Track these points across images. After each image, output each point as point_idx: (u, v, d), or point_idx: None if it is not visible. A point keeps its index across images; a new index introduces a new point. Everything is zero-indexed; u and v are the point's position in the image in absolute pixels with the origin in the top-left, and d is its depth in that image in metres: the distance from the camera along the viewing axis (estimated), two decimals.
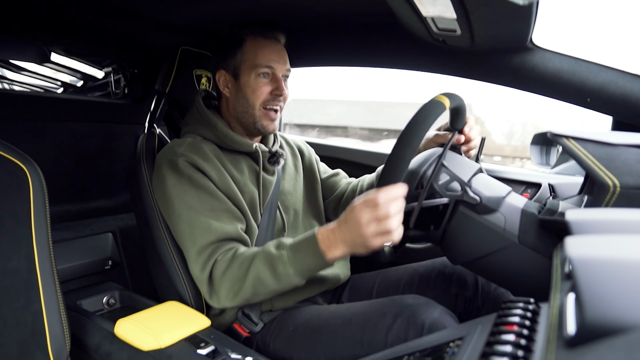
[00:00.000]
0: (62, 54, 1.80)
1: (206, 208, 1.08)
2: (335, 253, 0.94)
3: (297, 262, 0.97)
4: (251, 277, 0.99)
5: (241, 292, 1.01)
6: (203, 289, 1.06)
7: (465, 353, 0.48)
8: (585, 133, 0.75)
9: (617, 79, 1.09)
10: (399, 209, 0.85)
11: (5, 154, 0.89)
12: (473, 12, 0.95)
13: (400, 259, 1.55)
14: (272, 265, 0.98)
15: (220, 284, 1.03)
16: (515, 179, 1.46)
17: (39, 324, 0.91)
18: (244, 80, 1.19)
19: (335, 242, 0.93)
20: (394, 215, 0.84)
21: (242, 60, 1.19)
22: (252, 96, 1.19)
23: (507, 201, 0.88)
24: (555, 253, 0.59)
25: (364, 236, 0.87)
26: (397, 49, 1.39)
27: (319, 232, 0.96)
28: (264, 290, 1.01)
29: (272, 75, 1.19)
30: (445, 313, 0.98)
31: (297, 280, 0.99)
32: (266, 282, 0.99)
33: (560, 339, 0.38)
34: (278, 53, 1.20)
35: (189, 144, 1.15)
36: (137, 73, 1.91)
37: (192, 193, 1.09)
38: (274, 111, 1.21)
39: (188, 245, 1.08)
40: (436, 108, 0.87)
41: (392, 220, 0.84)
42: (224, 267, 1.03)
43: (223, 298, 1.04)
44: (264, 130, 1.22)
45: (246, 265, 1.01)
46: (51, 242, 0.94)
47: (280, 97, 1.20)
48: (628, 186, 0.69)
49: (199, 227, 1.06)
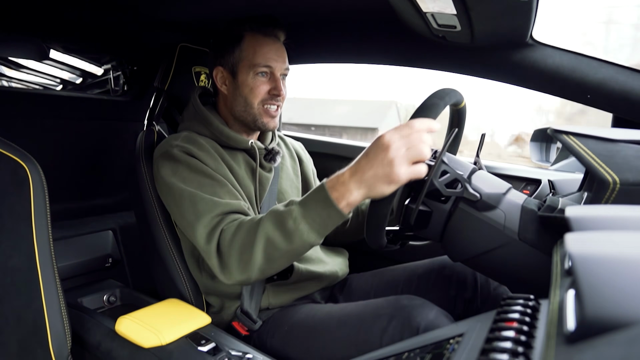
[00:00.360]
0: (61, 51, 1.80)
1: (207, 188, 1.05)
2: (349, 198, 0.85)
3: (308, 216, 0.89)
4: (261, 240, 0.93)
5: (253, 259, 0.94)
6: (212, 263, 0.99)
7: (465, 349, 0.48)
8: (585, 129, 0.75)
9: (617, 74, 1.09)
10: (430, 140, 0.81)
11: (5, 151, 0.89)
12: (473, 8, 0.94)
13: (400, 257, 1.55)
14: (281, 223, 0.91)
15: (230, 253, 0.96)
16: (515, 175, 1.46)
17: (40, 321, 0.91)
18: (242, 79, 1.18)
19: (348, 185, 0.85)
20: (427, 142, 0.80)
21: (240, 57, 1.18)
22: (250, 95, 1.18)
23: (507, 198, 0.88)
24: (555, 249, 0.59)
25: (392, 162, 0.79)
26: (397, 46, 1.39)
27: (328, 179, 0.89)
28: (277, 253, 0.93)
29: (271, 75, 1.18)
30: (441, 314, 0.96)
31: (311, 238, 0.90)
32: (277, 243, 0.91)
33: (560, 335, 0.38)
34: (277, 52, 1.19)
35: (184, 137, 1.14)
36: (136, 70, 1.91)
37: (191, 177, 1.07)
38: (273, 108, 1.20)
39: (192, 219, 1.02)
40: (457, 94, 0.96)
41: (424, 146, 0.79)
42: (231, 234, 0.97)
43: (234, 269, 0.96)
44: (265, 128, 1.21)
45: (254, 228, 0.94)
46: (52, 239, 0.94)
47: (279, 97, 1.19)
48: (628, 182, 0.69)
49: (202, 201, 1.03)
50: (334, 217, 0.88)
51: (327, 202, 0.87)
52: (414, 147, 0.79)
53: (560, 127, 0.77)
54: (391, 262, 1.48)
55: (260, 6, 1.34)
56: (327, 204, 0.87)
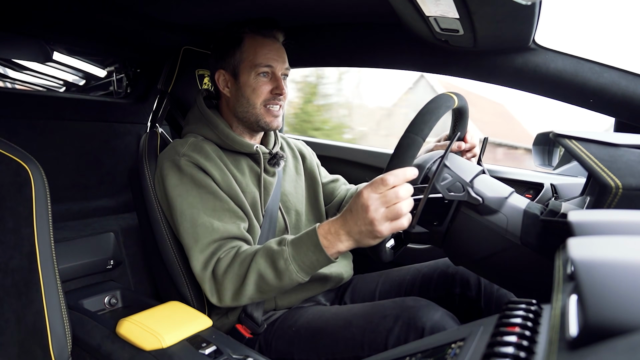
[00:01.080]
0: (65, 53, 1.80)
1: (209, 207, 1.08)
2: (339, 247, 0.91)
3: (298, 258, 0.94)
4: (253, 274, 0.98)
5: (244, 290, 0.99)
6: (205, 288, 1.05)
7: (467, 354, 0.48)
8: (588, 134, 0.75)
9: (619, 79, 1.09)
10: (408, 193, 0.82)
11: (8, 152, 0.89)
12: (476, 12, 0.94)
13: (403, 260, 1.55)
14: (273, 262, 0.96)
15: (223, 282, 1.02)
16: (517, 179, 1.46)
17: (41, 323, 0.91)
18: (244, 80, 1.19)
19: (338, 236, 0.90)
20: (404, 198, 0.82)
21: (241, 59, 1.19)
22: (253, 95, 1.19)
23: (510, 202, 0.88)
24: (558, 254, 0.59)
25: (372, 222, 0.83)
26: (399, 49, 1.39)
27: (320, 226, 0.93)
28: (267, 287, 0.99)
29: (272, 75, 1.19)
30: (447, 316, 0.98)
31: (299, 278, 0.96)
32: (268, 279, 0.97)
33: (562, 340, 0.38)
34: (277, 52, 1.20)
35: (191, 144, 1.15)
36: (139, 72, 1.91)
37: (194, 193, 1.09)
38: (275, 108, 1.21)
39: (190, 243, 1.07)
40: (447, 101, 0.90)
41: (402, 204, 0.81)
42: (226, 265, 1.02)
43: (226, 297, 1.02)
44: (268, 127, 1.22)
45: (248, 262, 0.99)
46: (53, 241, 0.94)
47: (281, 96, 1.20)
48: (630, 187, 0.69)
49: (202, 225, 1.06)
50: (322, 262, 0.94)
51: (317, 248, 0.92)
52: (392, 206, 0.82)
53: (563, 132, 0.77)
54: (395, 263, 1.48)
55: (263, 9, 1.34)
56: (317, 250, 0.92)
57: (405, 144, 0.84)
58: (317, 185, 1.42)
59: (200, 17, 1.43)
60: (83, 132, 1.73)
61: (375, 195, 0.83)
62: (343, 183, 1.49)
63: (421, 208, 0.86)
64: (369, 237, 0.86)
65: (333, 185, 1.46)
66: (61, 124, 1.66)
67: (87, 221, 1.70)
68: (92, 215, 1.77)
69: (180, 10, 1.37)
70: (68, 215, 1.70)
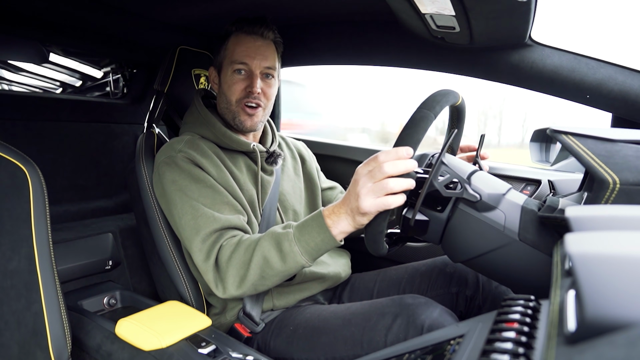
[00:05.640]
0: (61, 54, 1.80)
1: (208, 201, 1.07)
2: (342, 226, 0.91)
3: (303, 239, 0.94)
4: (257, 259, 0.97)
5: (248, 276, 0.98)
6: (209, 278, 1.03)
7: (466, 350, 0.48)
8: (585, 129, 0.75)
9: (616, 74, 1.09)
10: (398, 170, 0.82)
11: (5, 154, 0.89)
12: (472, 9, 0.95)
13: (401, 258, 1.55)
14: (278, 244, 0.96)
15: (227, 269, 1.00)
16: (514, 176, 1.46)
17: (40, 324, 0.91)
18: (223, 76, 1.20)
19: (339, 214, 0.91)
20: (390, 174, 0.81)
21: (224, 56, 1.20)
22: (228, 92, 1.19)
23: (507, 198, 0.88)
24: (556, 250, 0.59)
25: (358, 196, 0.84)
26: (396, 47, 1.39)
27: (326, 207, 0.94)
28: (271, 272, 0.97)
29: (248, 72, 1.18)
30: (445, 313, 0.98)
31: (303, 260, 0.95)
32: (272, 262, 0.96)
33: (561, 335, 0.38)
34: (257, 49, 1.18)
35: (187, 142, 1.15)
36: (135, 73, 1.91)
37: (192, 187, 1.08)
38: (251, 107, 1.19)
39: (191, 235, 1.05)
40: (455, 93, 0.92)
41: (388, 180, 0.81)
42: (229, 252, 1.01)
43: (230, 285, 1.00)
44: (242, 126, 1.21)
45: (252, 247, 0.98)
46: (51, 242, 0.94)
47: (255, 95, 1.18)
48: (628, 182, 0.69)
49: (203, 216, 1.05)
50: (327, 242, 0.93)
51: (322, 228, 0.92)
52: (378, 182, 0.82)
53: (560, 128, 0.77)
54: (393, 262, 1.49)
55: (258, 8, 1.34)
56: (322, 230, 0.92)
57: (417, 117, 0.85)
58: (317, 189, 1.42)
59: (195, 17, 1.43)
60: (80, 133, 1.72)
61: (364, 171, 0.84)
62: (340, 191, 1.50)
63: (420, 202, 0.86)
64: (357, 214, 0.86)
65: (330, 192, 1.46)
66: (58, 125, 1.66)
67: (85, 222, 1.70)
68: (90, 216, 1.77)
69: (175, 10, 1.37)
70: (66, 216, 1.70)
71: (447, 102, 0.90)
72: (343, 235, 0.93)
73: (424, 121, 0.85)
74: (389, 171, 0.81)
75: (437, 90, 0.91)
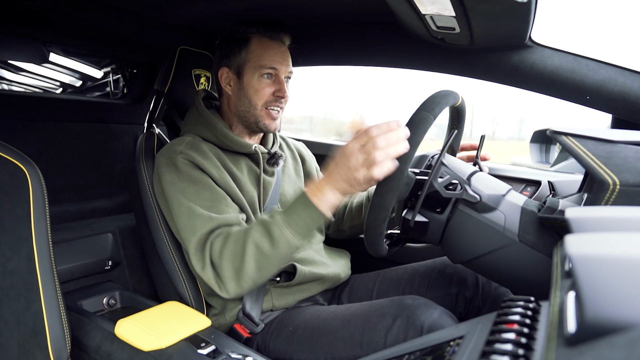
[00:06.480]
0: (61, 54, 1.80)
1: (206, 203, 1.07)
2: (327, 199, 0.93)
3: (291, 221, 0.96)
4: (250, 249, 0.97)
5: (244, 268, 0.98)
6: (211, 281, 1.03)
7: (466, 352, 0.48)
8: (585, 130, 0.75)
9: (616, 76, 1.09)
10: (391, 142, 0.84)
11: (5, 154, 0.89)
12: (472, 10, 0.95)
13: (400, 259, 1.55)
14: (267, 231, 0.97)
15: (221, 265, 1.00)
16: (515, 177, 1.46)
17: (40, 324, 0.91)
18: (247, 80, 1.19)
19: (324, 189, 0.93)
20: (382, 147, 0.83)
21: (247, 59, 1.19)
22: (255, 96, 1.19)
23: (507, 199, 0.88)
24: (555, 251, 0.59)
25: (350, 168, 0.87)
26: (396, 48, 1.39)
27: (308, 187, 0.96)
28: (266, 261, 0.98)
29: (275, 77, 1.20)
30: (445, 314, 0.98)
31: (295, 241, 0.96)
32: (265, 250, 0.97)
33: (561, 337, 0.38)
34: (282, 55, 1.20)
35: (188, 143, 1.15)
36: (136, 73, 1.91)
37: (191, 189, 1.09)
38: (275, 111, 1.21)
39: (188, 236, 1.05)
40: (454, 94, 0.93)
41: (379, 151, 0.83)
42: (220, 246, 1.01)
43: (228, 280, 1.00)
44: (266, 129, 1.23)
45: (242, 238, 0.99)
46: (51, 242, 0.94)
47: (282, 99, 1.21)
48: (628, 184, 0.69)
49: (199, 216, 1.05)
50: (315, 218, 0.95)
51: (308, 206, 0.94)
52: (369, 155, 0.84)
53: (559, 129, 0.77)
54: (393, 262, 1.48)
55: (258, 10, 1.34)
56: (309, 208, 0.94)
57: (417, 119, 0.86)
58: None
59: (196, 17, 1.43)
60: (80, 133, 1.72)
61: (357, 145, 0.86)
62: None
63: (420, 203, 0.86)
64: (348, 185, 0.90)
65: None
66: (58, 125, 1.66)
67: (85, 222, 1.69)
68: (90, 216, 1.77)
69: (175, 10, 1.37)
70: (66, 216, 1.70)
71: (447, 103, 0.90)
72: (331, 209, 0.95)
73: (423, 123, 0.85)
74: (380, 144, 0.84)
75: (437, 91, 0.91)
